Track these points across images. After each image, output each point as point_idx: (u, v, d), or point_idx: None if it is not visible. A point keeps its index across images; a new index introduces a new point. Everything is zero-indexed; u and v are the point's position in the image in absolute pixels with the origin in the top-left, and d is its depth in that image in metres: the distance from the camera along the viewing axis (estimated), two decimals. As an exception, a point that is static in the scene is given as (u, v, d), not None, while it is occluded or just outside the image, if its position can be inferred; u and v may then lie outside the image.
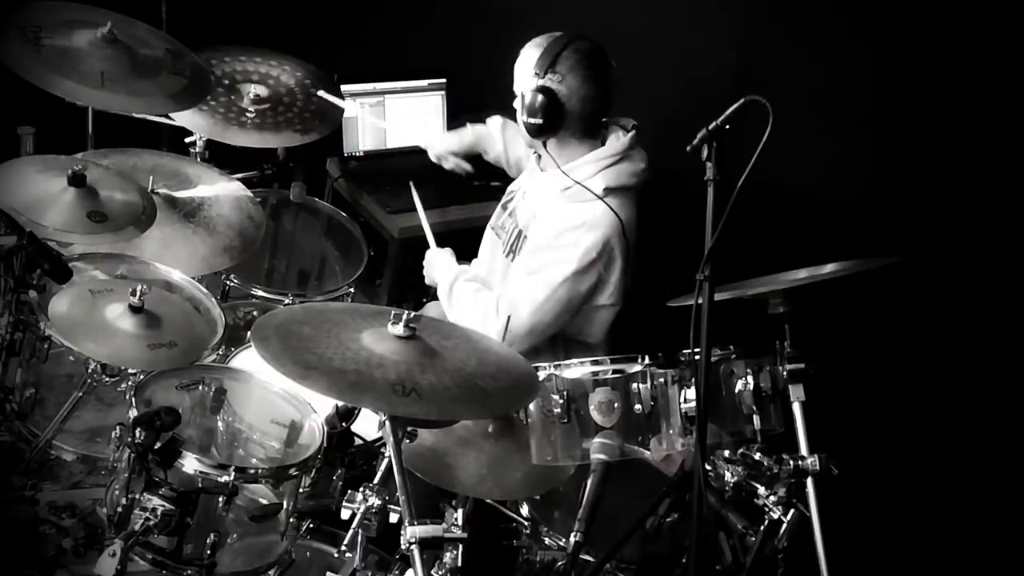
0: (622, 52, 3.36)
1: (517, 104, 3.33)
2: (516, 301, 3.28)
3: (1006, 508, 3.53)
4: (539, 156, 3.45)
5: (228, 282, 3.61)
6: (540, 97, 3.23)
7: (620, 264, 3.30)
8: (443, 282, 3.46)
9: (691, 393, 2.74)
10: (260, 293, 3.64)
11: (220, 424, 3.00)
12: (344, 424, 2.96)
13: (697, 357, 2.56)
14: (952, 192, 3.58)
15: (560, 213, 3.30)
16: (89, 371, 2.95)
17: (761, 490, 2.68)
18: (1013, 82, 3.43)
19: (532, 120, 3.25)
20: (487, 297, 3.35)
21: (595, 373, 2.81)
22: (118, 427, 2.83)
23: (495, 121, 3.80)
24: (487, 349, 2.81)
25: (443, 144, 3.90)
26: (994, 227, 3.52)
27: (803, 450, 2.72)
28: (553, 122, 3.26)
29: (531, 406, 2.83)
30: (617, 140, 3.33)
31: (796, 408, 2.77)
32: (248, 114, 3.75)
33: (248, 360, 3.18)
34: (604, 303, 3.34)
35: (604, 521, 2.68)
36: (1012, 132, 3.45)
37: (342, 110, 3.91)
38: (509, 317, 3.29)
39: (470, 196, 4.25)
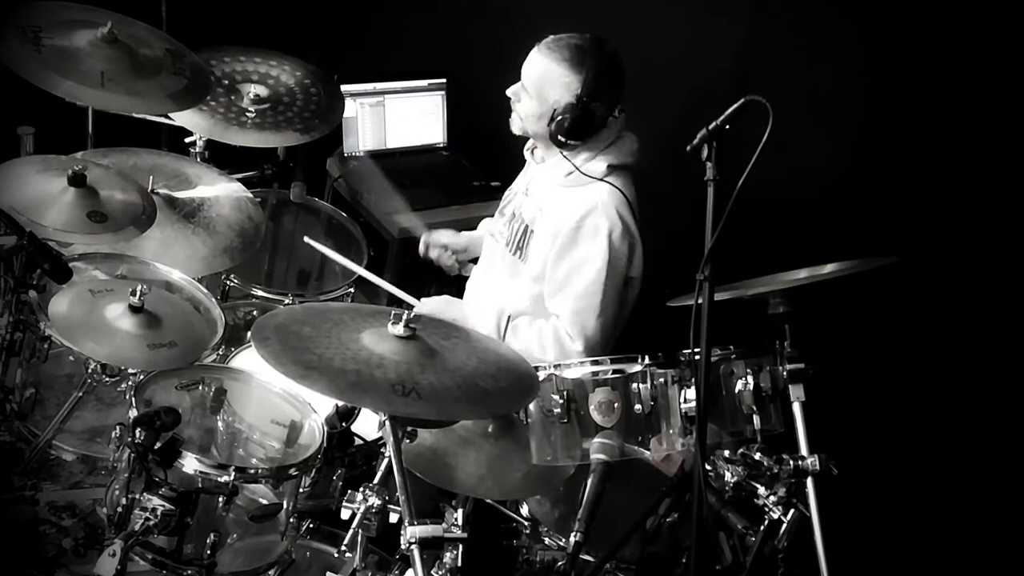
0: (622, 52, 3.36)
1: (531, 106, 3.29)
2: (578, 313, 3.25)
3: (1006, 508, 3.53)
4: (533, 149, 3.45)
5: (228, 282, 3.61)
6: (583, 117, 3.23)
7: (637, 237, 3.30)
8: (489, 327, 3.36)
9: (691, 393, 2.74)
10: (260, 293, 3.64)
11: (220, 424, 3.00)
12: (344, 424, 2.96)
13: (697, 357, 2.56)
14: (952, 192, 3.58)
15: (567, 202, 3.29)
16: (89, 371, 2.95)
17: (761, 490, 2.68)
18: (1013, 82, 3.44)
19: (571, 140, 3.25)
20: (546, 326, 3.29)
21: (595, 373, 2.81)
22: (118, 427, 2.83)
23: (485, 224, 3.77)
24: (487, 349, 2.81)
25: (438, 235, 3.81)
26: (993, 227, 3.53)
27: (803, 450, 2.72)
28: (589, 137, 3.28)
29: (531, 406, 2.83)
30: (612, 123, 3.34)
31: (796, 408, 2.77)
32: (248, 114, 3.75)
33: (248, 360, 3.18)
34: (634, 275, 3.34)
35: (604, 521, 2.68)
36: (1012, 132, 3.45)
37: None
38: (509, 317, 3.28)
39: (470, 196, 4.25)
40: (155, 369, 2.94)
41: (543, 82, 3.27)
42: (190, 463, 2.73)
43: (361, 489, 2.59)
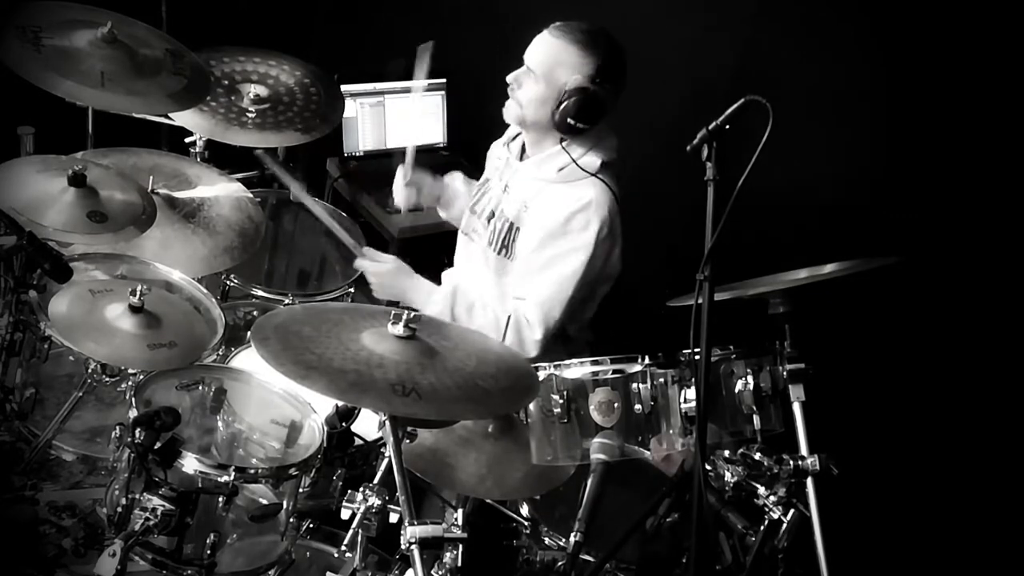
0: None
1: (535, 90, 3.27)
2: (548, 301, 3.27)
3: (1006, 508, 3.54)
4: (522, 146, 3.44)
5: (228, 282, 3.61)
6: (593, 99, 3.23)
7: (619, 237, 3.32)
8: (434, 309, 3.34)
9: (691, 393, 2.74)
10: (260, 293, 3.64)
11: (220, 424, 3.00)
12: (344, 424, 2.96)
13: (697, 357, 2.56)
14: (952, 192, 3.58)
15: (558, 196, 3.29)
16: (89, 371, 2.95)
17: (761, 490, 2.68)
18: (1013, 82, 3.44)
19: (579, 123, 3.24)
20: (505, 317, 3.29)
21: (595, 373, 2.81)
22: (118, 427, 2.83)
23: (456, 177, 3.75)
24: (487, 349, 2.81)
25: (418, 179, 3.72)
26: (994, 227, 3.53)
27: (803, 450, 2.73)
28: (595, 122, 3.27)
29: (531, 406, 2.83)
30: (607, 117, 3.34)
31: (796, 408, 2.77)
32: (248, 114, 3.75)
33: (248, 360, 3.18)
34: (610, 273, 3.35)
35: (604, 521, 2.68)
36: (1011, 132, 3.45)
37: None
38: (509, 317, 3.28)
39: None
40: (155, 369, 2.94)
41: (554, 63, 3.25)
42: (190, 463, 2.73)
43: (361, 489, 2.59)
